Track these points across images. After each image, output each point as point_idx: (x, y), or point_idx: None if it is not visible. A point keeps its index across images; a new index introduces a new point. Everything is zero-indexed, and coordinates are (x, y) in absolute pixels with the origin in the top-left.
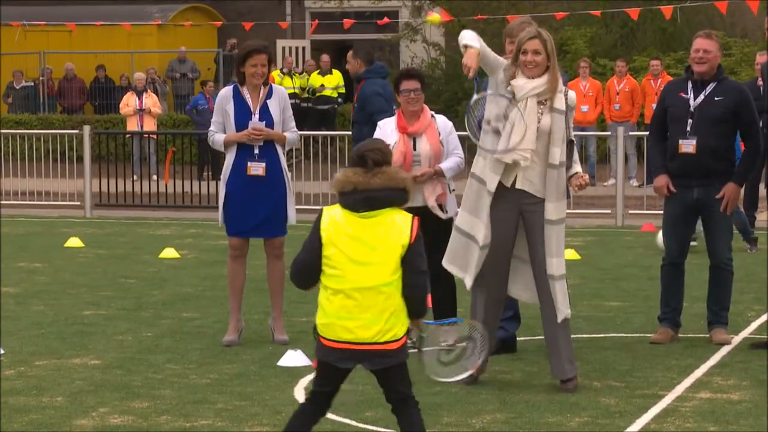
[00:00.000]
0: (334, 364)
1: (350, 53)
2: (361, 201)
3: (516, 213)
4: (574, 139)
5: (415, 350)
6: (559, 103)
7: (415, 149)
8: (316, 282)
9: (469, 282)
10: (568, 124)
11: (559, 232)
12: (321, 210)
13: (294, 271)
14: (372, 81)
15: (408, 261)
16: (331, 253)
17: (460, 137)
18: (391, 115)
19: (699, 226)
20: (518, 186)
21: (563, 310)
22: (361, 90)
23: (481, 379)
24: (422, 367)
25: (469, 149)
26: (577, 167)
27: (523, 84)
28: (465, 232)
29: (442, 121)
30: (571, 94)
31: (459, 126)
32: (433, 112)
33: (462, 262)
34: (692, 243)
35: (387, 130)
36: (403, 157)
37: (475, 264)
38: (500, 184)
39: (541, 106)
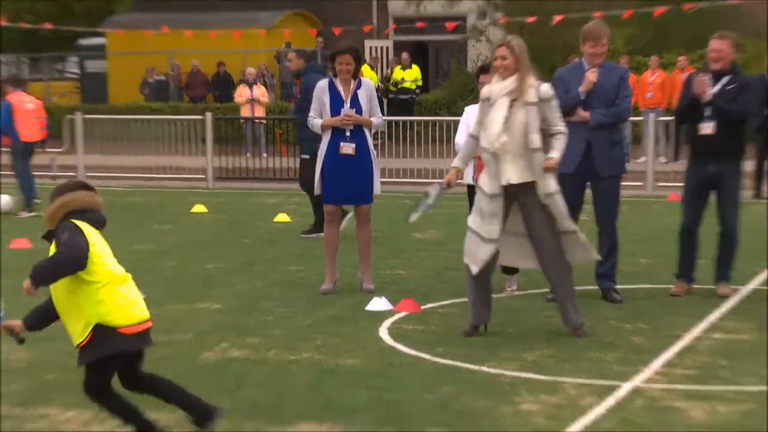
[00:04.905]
0: (134, 350)
1: (293, 53)
2: (101, 220)
3: (509, 201)
4: (562, 131)
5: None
6: (531, 97)
7: None
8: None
9: (475, 269)
10: (549, 114)
11: (558, 199)
12: (73, 223)
13: (69, 258)
14: (310, 75)
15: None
16: (99, 261)
17: None
18: None
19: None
20: (513, 182)
21: (590, 255)
22: (302, 82)
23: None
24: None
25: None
26: (553, 153)
27: (494, 87)
28: (476, 232)
29: None
30: (544, 86)
31: None
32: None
33: (472, 255)
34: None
35: (472, 113)
36: None
37: (484, 257)
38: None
39: (515, 103)
